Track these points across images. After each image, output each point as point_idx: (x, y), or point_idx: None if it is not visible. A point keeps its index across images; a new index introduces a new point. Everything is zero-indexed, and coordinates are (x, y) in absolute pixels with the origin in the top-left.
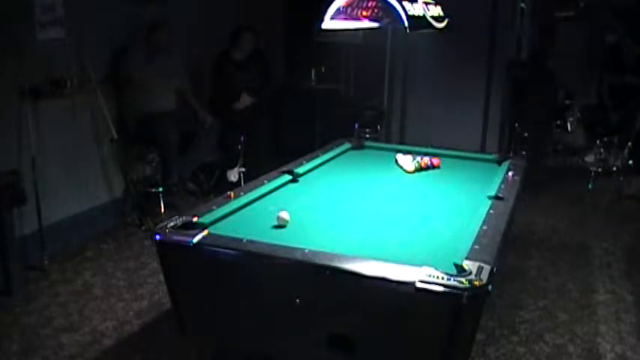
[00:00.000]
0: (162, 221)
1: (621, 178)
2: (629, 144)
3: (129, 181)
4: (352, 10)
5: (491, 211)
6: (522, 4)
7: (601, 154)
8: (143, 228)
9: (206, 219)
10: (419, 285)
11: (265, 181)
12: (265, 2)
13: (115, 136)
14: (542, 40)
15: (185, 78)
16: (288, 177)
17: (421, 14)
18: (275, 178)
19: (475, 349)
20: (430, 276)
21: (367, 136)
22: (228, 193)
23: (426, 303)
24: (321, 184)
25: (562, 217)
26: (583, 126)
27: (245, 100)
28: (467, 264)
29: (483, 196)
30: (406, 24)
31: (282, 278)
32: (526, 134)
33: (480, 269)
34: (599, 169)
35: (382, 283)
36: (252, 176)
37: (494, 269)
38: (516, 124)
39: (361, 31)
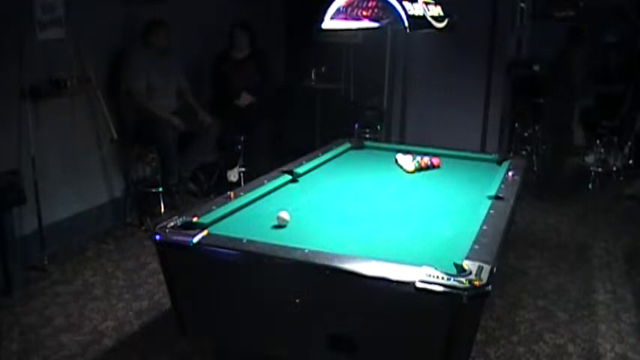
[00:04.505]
0: (162, 221)
1: (621, 178)
2: (629, 144)
3: (129, 181)
4: (352, 10)
5: (492, 211)
6: (522, 4)
7: (601, 154)
8: (143, 228)
9: (206, 219)
10: (419, 285)
11: (265, 181)
12: (265, 2)
13: (115, 136)
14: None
15: (184, 78)
16: (288, 177)
17: (421, 14)
18: (275, 178)
19: (475, 349)
20: (430, 276)
21: (367, 136)
22: (228, 193)
23: (426, 303)
24: (321, 184)
25: (562, 217)
26: (583, 126)
27: (245, 100)
28: (467, 264)
29: (483, 196)
30: (406, 24)
31: (282, 278)
32: (526, 134)
33: (480, 269)
34: (599, 169)
35: (382, 283)
36: (252, 176)
37: (494, 269)
38: (516, 124)
39: (361, 31)
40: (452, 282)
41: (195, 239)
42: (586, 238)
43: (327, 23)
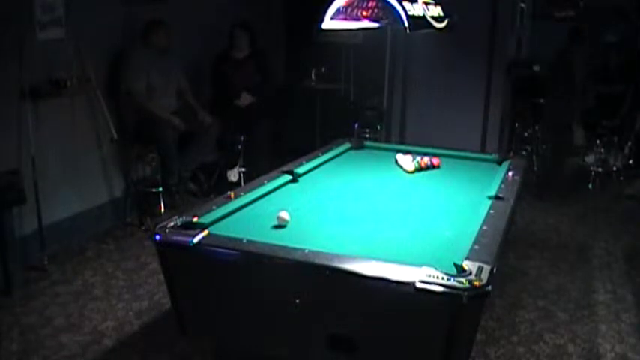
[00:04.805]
0: (162, 221)
1: (621, 178)
2: (629, 144)
3: (129, 181)
4: (352, 10)
5: (492, 212)
6: (522, 4)
7: (601, 154)
8: (143, 228)
9: (206, 219)
10: (419, 285)
11: (265, 181)
12: (265, 2)
13: (115, 136)
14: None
15: (184, 78)
16: (288, 177)
17: (421, 14)
18: (275, 178)
19: (475, 349)
20: (430, 276)
21: (367, 136)
22: (228, 193)
23: (426, 303)
24: (321, 184)
25: (562, 217)
26: (583, 126)
27: (245, 100)
28: (467, 264)
29: (483, 197)
30: (406, 24)
31: (282, 278)
32: (526, 134)
33: (480, 269)
34: (599, 169)
35: (382, 283)
36: (252, 176)
37: (494, 269)
38: (516, 124)
39: (361, 31)
40: (452, 282)
41: (196, 239)
42: (586, 238)
43: (327, 23)
